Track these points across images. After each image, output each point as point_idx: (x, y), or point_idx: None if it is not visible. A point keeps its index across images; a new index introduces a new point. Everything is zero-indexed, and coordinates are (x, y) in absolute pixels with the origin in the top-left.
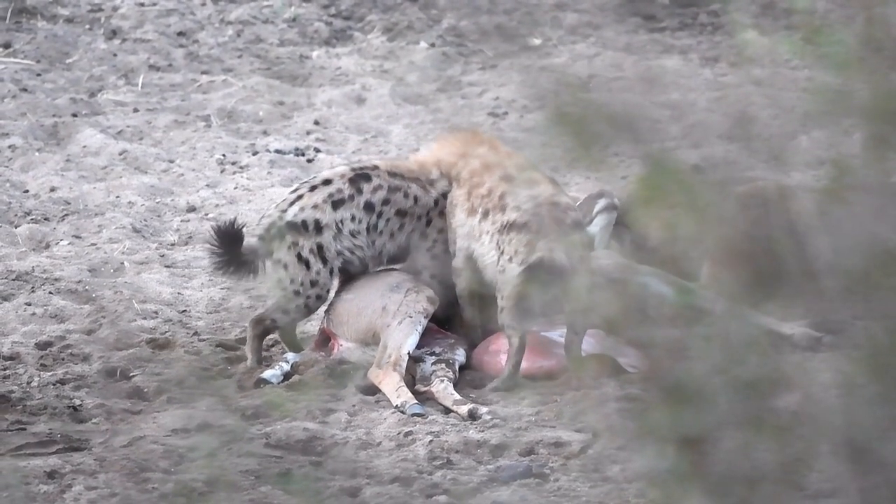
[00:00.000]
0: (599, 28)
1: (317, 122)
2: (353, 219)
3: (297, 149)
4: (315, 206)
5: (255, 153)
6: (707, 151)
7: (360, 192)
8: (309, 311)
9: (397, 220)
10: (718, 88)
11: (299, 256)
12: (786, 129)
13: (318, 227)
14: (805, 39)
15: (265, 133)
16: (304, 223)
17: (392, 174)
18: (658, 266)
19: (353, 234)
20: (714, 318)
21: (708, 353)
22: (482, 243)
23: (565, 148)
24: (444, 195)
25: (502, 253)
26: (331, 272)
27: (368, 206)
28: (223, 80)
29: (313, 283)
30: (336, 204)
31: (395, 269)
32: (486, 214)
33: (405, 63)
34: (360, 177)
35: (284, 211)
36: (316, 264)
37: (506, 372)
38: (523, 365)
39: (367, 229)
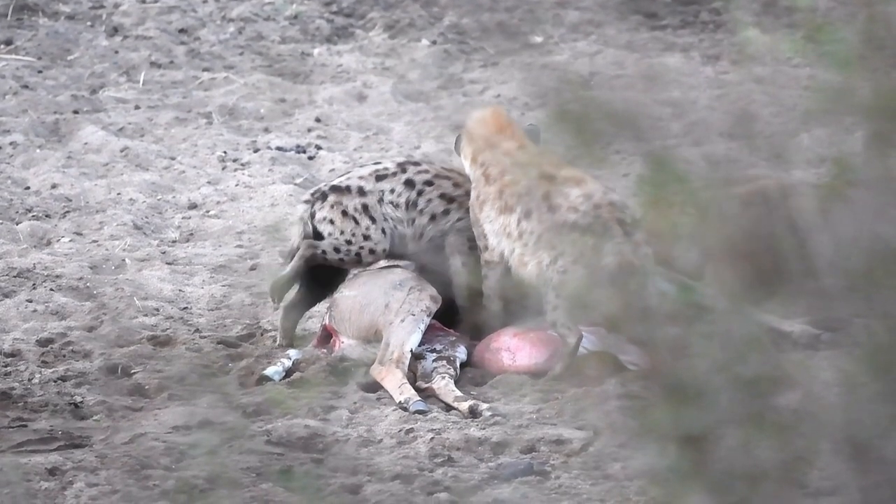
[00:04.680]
0: (601, 26)
1: (318, 120)
2: (392, 191)
3: (298, 146)
4: (360, 177)
5: (256, 150)
6: (708, 149)
7: (403, 171)
8: (359, 261)
9: (441, 204)
10: (720, 86)
11: (344, 213)
12: (787, 127)
13: (362, 191)
14: (807, 37)
15: (266, 130)
16: (348, 187)
17: (446, 169)
18: (660, 263)
19: (394, 205)
20: (715, 316)
21: (709, 350)
22: (525, 243)
23: (567, 145)
24: None
25: (562, 254)
26: (383, 231)
27: (409, 183)
28: (224, 78)
29: (366, 237)
30: (380, 177)
31: (399, 267)
32: (527, 214)
33: (406, 60)
34: (408, 162)
35: (332, 181)
36: (364, 220)
37: (556, 370)
38: (524, 362)
39: (406, 204)
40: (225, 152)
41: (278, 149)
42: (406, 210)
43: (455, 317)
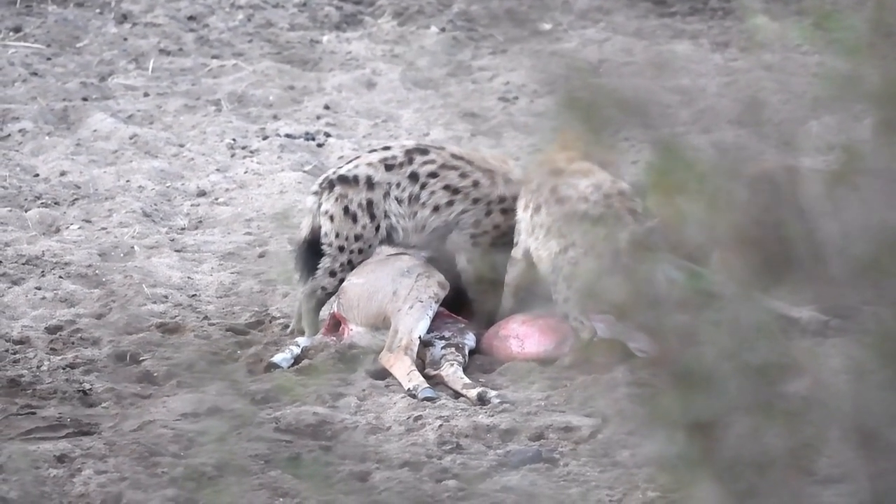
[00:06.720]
0: (610, 13)
1: (327, 107)
2: (398, 185)
3: (307, 133)
4: (369, 164)
5: (265, 138)
6: (717, 136)
7: (410, 161)
8: (353, 264)
9: (445, 195)
10: (729, 73)
11: (346, 210)
12: (796, 115)
13: (370, 184)
14: (815, 24)
15: (275, 117)
16: (356, 178)
17: (456, 157)
18: (668, 250)
19: (398, 201)
20: (724, 303)
21: (718, 337)
22: (536, 237)
23: (576, 132)
24: (517, 197)
25: (573, 244)
26: (376, 229)
27: (413, 176)
28: (233, 65)
29: (357, 238)
30: (389, 167)
31: (406, 254)
32: (537, 209)
33: (415, 47)
34: (417, 149)
35: (340, 167)
36: (363, 219)
37: (566, 360)
38: (532, 349)
39: (409, 199)
40: (234, 139)
41: (287, 136)
42: (409, 204)
43: (463, 304)
